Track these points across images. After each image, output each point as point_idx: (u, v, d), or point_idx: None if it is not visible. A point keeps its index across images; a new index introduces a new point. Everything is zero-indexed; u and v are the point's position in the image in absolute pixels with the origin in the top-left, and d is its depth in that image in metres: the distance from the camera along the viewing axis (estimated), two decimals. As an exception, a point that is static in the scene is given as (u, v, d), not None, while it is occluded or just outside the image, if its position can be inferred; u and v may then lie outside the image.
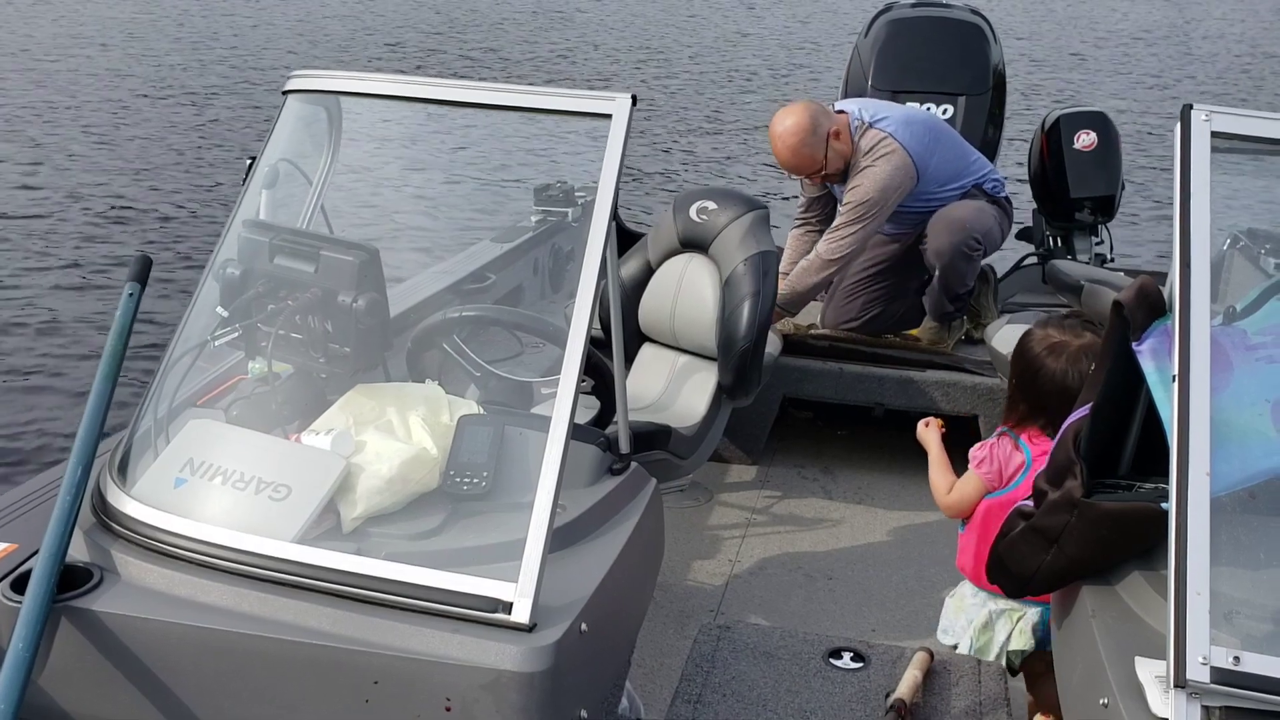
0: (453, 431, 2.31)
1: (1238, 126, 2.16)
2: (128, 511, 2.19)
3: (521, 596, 1.92)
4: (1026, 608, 2.68)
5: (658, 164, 11.70)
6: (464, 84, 2.43)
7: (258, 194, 2.77)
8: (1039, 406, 2.63)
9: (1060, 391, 2.56)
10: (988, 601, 2.73)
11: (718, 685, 2.65)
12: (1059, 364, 2.59)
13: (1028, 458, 2.62)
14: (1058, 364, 2.59)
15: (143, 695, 2.01)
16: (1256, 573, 2.04)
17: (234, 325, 2.43)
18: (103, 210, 9.38)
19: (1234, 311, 2.35)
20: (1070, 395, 2.45)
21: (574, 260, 5.09)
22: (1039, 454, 2.58)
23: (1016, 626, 2.70)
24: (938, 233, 4.17)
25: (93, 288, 7.71)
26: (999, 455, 2.67)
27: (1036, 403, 2.63)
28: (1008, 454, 2.66)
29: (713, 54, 19.47)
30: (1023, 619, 2.69)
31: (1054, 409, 2.54)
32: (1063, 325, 2.68)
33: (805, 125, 4.08)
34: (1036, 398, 2.63)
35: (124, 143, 11.57)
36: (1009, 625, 2.70)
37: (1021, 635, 2.69)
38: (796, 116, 4.12)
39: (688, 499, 4.12)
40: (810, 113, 4.11)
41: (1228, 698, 1.83)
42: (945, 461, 2.80)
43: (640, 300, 3.90)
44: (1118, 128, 5.17)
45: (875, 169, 4.11)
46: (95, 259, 8.25)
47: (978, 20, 5.20)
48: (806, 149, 4.09)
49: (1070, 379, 2.56)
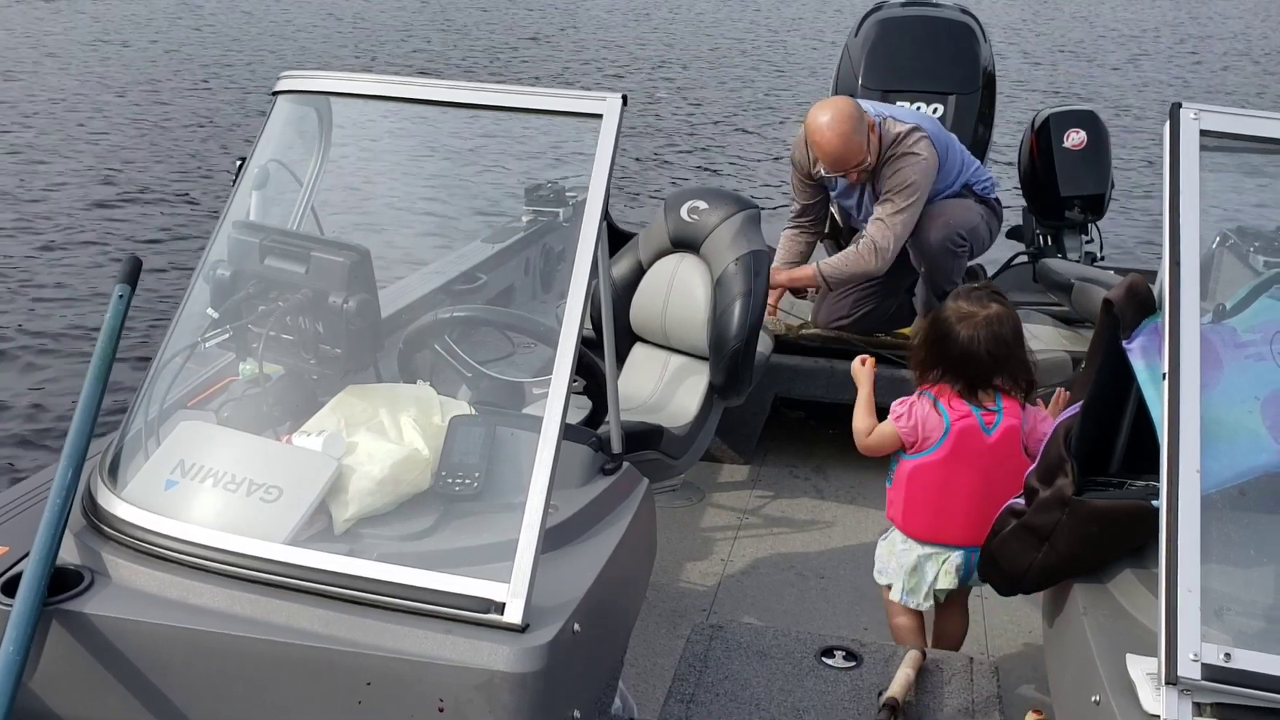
0: (444, 432, 2.31)
1: (1226, 125, 2.17)
2: (118, 514, 2.19)
3: (514, 597, 1.92)
4: (950, 551, 2.92)
5: (649, 164, 11.71)
6: (454, 84, 2.43)
7: (248, 195, 2.77)
8: (949, 371, 2.86)
9: (967, 355, 2.81)
10: (915, 547, 2.96)
11: (711, 685, 2.66)
12: (967, 331, 2.82)
13: (946, 423, 2.84)
14: (966, 331, 2.82)
15: (134, 698, 2.00)
16: (1247, 570, 2.04)
17: (225, 327, 2.43)
18: (92, 212, 9.35)
19: (1223, 309, 2.35)
20: (975, 360, 2.80)
21: (565, 260, 5.08)
22: (957, 419, 2.83)
23: (942, 568, 2.93)
24: (923, 229, 4.17)
25: (82, 289, 7.68)
26: (918, 413, 2.89)
27: (948, 367, 2.86)
28: (926, 413, 2.88)
29: (704, 53, 19.48)
30: (947, 561, 2.92)
31: (962, 372, 2.83)
32: (972, 296, 2.91)
33: (853, 113, 3.99)
34: (948, 362, 2.86)
35: (113, 143, 11.54)
36: (936, 567, 2.94)
37: (947, 575, 2.93)
38: (841, 106, 4.02)
39: (680, 499, 4.13)
40: (852, 103, 4.04)
41: (1219, 694, 1.84)
42: (871, 405, 3.05)
43: (632, 300, 3.90)
44: (1107, 126, 5.19)
45: (913, 156, 4.08)
46: (85, 260, 8.23)
47: (967, 19, 5.21)
48: (857, 136, 3.99)
49: (975, 345, 2.81)
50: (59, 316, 7.23)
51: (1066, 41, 21.92)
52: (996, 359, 2.81)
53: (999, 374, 2.84)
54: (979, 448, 2.83)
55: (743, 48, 20.32)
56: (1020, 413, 2.86)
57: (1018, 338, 2.87)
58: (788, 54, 19.74)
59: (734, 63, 18.63)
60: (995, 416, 2.83)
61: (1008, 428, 2.83)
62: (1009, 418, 2.84)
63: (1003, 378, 2.85)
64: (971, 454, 2.84)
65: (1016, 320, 2.89)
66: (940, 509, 2.89)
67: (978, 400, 2.84)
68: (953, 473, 2.86)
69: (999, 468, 2.81)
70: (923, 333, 2.96)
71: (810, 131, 4.02)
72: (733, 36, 21.74)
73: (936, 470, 2.87)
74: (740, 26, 23.20)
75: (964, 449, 2.84)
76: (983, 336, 2.80)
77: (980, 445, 2.83)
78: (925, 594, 2.96)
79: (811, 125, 4.01)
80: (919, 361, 2.92)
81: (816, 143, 4.02)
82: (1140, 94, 16.25)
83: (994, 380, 2.84)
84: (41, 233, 8.77)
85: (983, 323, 2.82)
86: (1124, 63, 19.47)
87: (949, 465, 2.86)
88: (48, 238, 8.67)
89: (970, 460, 2.84)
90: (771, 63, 18.75)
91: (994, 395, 2.86)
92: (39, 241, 8.58)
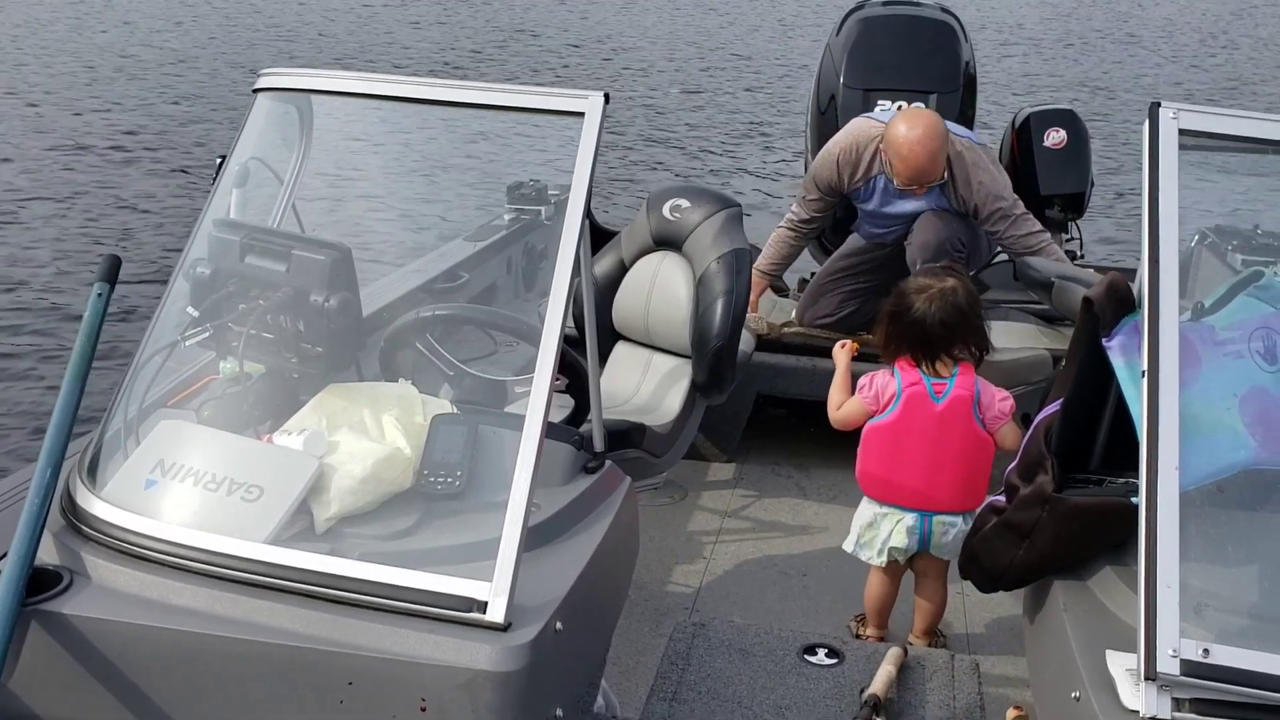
0: (426, 431, 2.30)
1: (1205, 124, 2.19)
2: (98, 513, 2.17)
3: (496, 596, 1.92)
4: (903, 512, 3.07)
5: (631, 162, 11.70)
6: (436, 82, 2.42)
7: (228, 193, 2.76)
8: (904, 340, 3.02)
9: (919, 325, 2.97)
10: (872, 505, 3.13)
11: (693, 683, 2.66)
12: (922, 304, 2.98)
13: (898, 388, 3.02)
14: (921, 304, 2.98)
15: (114, 698, 1.99)
16: (1225, 566, 2.06)
17: (205, 325, 2.41)
18: (71, 210, 9.28)
19: (1202, 308, 2.37)
20: (932, 330, 2.96)
21: (547, 259, 5.07)
22: (908, 384, 3.01)
23: (895, 528, 3.08)
24: (924, 228, 4.16)
25: (61, 287, 7.63)
26: (878, 384, 3.07)
27: (901, 337, 3.02)
28: (885, 382, 3.06)
29: (687, 51, 19.48)
30: (900, 522, 3.07)
31: (921, 343, 2.99)
32: (930, 273, 3.12)
33: (941, 130, 3.97)
34: (908, 333, 3.01)
35: (92, 140, 11.46)
36: (890, 525, 3.09)
37: (899, 535, 3.07)
38: (931, 119, 3.98)
39: (662, 497, 4.13)
40: (940, 120, 4.00)
41: (1197, 690, 1.85)
42: (846, 383, 3.21)
43: (614, 298, 3.90)
44: (1087, 125, 5.21)
45: (981, 169, 4.12)
46: (64, 258, 8.17)
47: (948, 18, 5.22)
48: (943, 152, 3.99)
49: (928, 317, 2.96)
50: (37, 315, 7.19)
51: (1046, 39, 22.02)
52: (952, 328, 2.97)
53: (956, 343, 2.99)
54: (927, 414, 2.99)
55: (724, 46, 20.32)
56: (973, 385, 3.00)
57: (973, 307, 3.02)
58: (769, 52, 19.75)
59: (716, 61, 18.63)
60: (945, 386, 2.98)
61: (956, 398, 2.98)
62: (959, 389, 2.98)
63: (959, 347, 3.00)
64: (920, 420, 3.00)
65: (972, 291, 3.06)
66: (892, 470, 3.04)
67: (934, 370, 3.00)
68: (902, 436, 3.01)
69: (947, 435, 2.98)
70: (886, 307, 3.10)
71: (898, 145, 3.95)
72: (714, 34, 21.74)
73: (887, 433, 3.03)
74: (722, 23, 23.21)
75: (913, 414, 3.00)
76: (938, 307, 2.96)
77: (929, 412, 2.99)
78: (879, 550, 3.10)
79: (900, 138, 3.94)
80: (883, 335, 3.07)
81: (904, 156, 3.94)
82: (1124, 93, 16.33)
83: (952, 350, 2.99)
84: (18, 230, 8.71)
85: (937, 295, 2.97)
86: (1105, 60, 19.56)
87: (898, 428, 3.01)
88: (24, 236, 8.61)
89: (920, 426, 3.00)
90: (753, 62, 18.76)
91: (951, 365, 3.00)
92: (16, 239, 8.52)
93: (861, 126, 4.25)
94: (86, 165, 10.62)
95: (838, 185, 4.25)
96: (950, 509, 3.04)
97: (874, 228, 4.41)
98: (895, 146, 3.97)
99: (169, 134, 11.94)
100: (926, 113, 4.08)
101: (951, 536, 3.04)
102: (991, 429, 3.00)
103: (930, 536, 3.06)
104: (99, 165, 10.65)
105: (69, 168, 10.54)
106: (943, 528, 3.04)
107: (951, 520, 3.04)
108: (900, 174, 4.02)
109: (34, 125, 12.01)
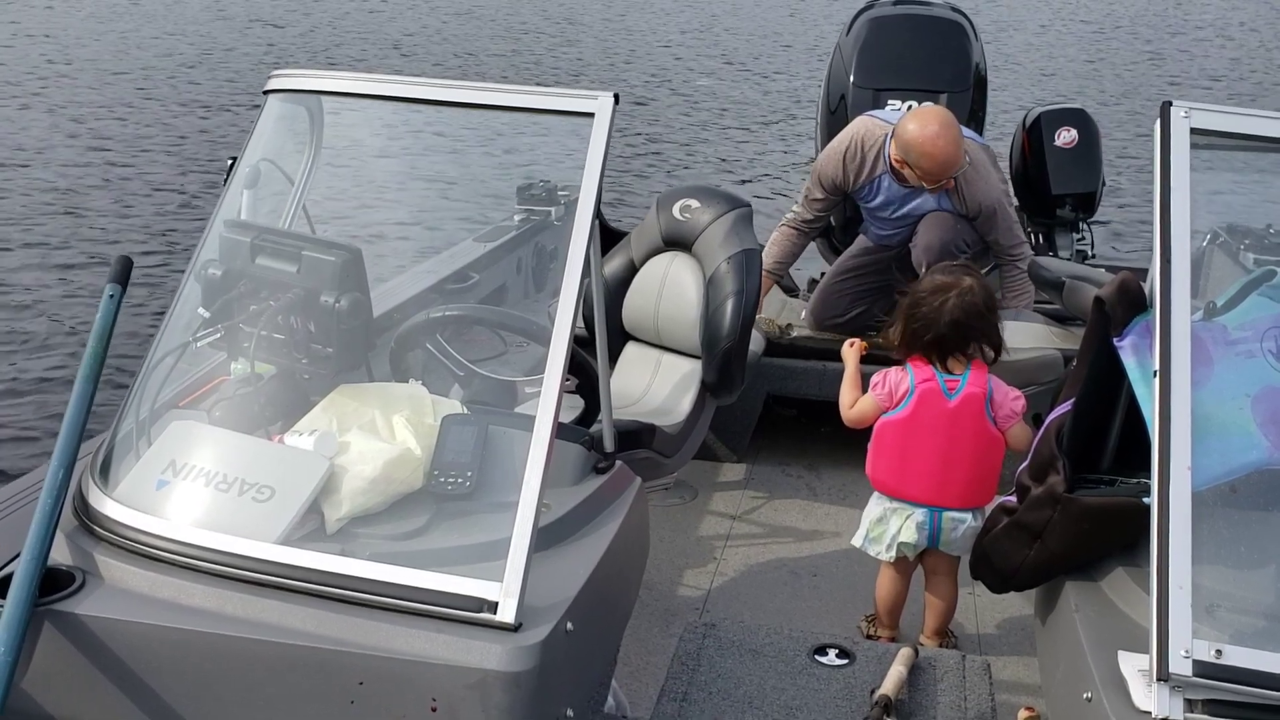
0: (436, 431, 2.31)
1: (1217, 123, 2.18)
2: (110, 514, 2.18)
3: (507, 596, 1.92)
4: (913, 508, 3.07)
5: (641, 162, 11.70)
6: (446, 83, 2.42)
7: (239, 194, 2.76)
8: (920, 337, 3.02)
9: (936, 323, 2.97)
10: (882, 500, 3.14)
11: (703, 683, 2.66)
12: (939, 303, 2.98)
13: (912, 383, 3.02)
14: (936, 302, 2.99)
15: (126, 698, 2.00)
16: (1238, 566, 2.05)
17: (216, 326, 2.42)
18: (83, 212, 9.32)
19: (1214, 307, 2.36)
20: (941, 329, 2.96)
21: (557, 259, 5.08)
22: (921, 380, 3.01)
23: (904, 523, 3.08)
24: (929, 230, 4.15)
25: (73, 289, 7.66)
26: (891, 380, 3.08)
27: (917, 335, 3.02)
28: (898, 379, 3.07)
29: (696, 51, 19.47)
30: (909, 517, 3.08)
31: (932, 341, 2.99)
32: (949, 270, 3.10)
33: (951, 117, 3.94)
34: (917, 330, 3.02)
35: (104, 142, 11.51)
36: (899, 521, 3.09)
37: (908, 530, 3.08)
38: (938, 110, 3.95)
39: (672, 497, 4.13)
40: (941, 107, 3.99)
41: (1210, 690, 1.84)
42: (856, 381, 3.21)
43: (624, 299, 3.90)
44: (1098, 124, 5.20)
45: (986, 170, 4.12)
46: (76, 260, 8.21)
47: (958, 18, 5.21)
48: (960, 138, 3.94)
49: (946, 316, 2.96)
50: (49, 317, 7.21)
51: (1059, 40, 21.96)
52: (969, 328, 2.97)
53: (971, 342, 3.00)
54: (940, 411, 2.99)
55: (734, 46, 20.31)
56: (986, 383, 3.00)
57: (990, 307, 3.03)
58: (778, 53, 19.74)
59: (726, 60, 18.62)
60: (959, 383, 2.99)
61: (969, 395, 2.99)
62: (972, 386, 2.99)
63: (974, 345, 3.01)
64: (933, 416, 2.99)
65: (989, 290, 3.06)
66: (903, 466, 3.05)
67: (947, 367, 3.01)
68: (914, 432, 3.02)
69: (959, 432, 2.99)
70: (901, 305, 3.10)
71: (919, 145, 3.90)
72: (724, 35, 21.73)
73: (900, 428, 3.04)
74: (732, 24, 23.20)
75: (925, 411, 3.00)
76: (956, 306, 2.97)
77: (941, 409, 2.99)
78: (888, 545, 3.11)
79: (918, 139, 3.89)
80: (900, 334, 3.07)
81: (929, 153, 3.89)
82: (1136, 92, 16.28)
83: (967, 348, 3.00)
84: (30, 232, 8.74)
85: (955, 294, 2.98)
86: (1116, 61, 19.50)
87: (911, 424, 3.02)
88: (37, 237, 8.64)
89: (932, 422, 3.00)
90: (762, 61, 18.75)
91: (964, 363, 3.01)
92: (27, 240, 8.55)
93: (865, 124, 4.23)
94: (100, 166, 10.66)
95: (842, 184, 4.24)
96: (960, 505, 3.04)
97: (880, 229, 4.40)
98: (917, 147, 3.91)
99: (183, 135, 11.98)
100: (931, 106, 4.06)
101: (961, 532, 3.03)
102: (1003, 427, 3.00)
103: (940, 532, 3.06)
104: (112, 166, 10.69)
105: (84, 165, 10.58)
106: (952, 524, 3.04)
107: (961, 516, 3.04)
108: (929, 173, 3.96)
109: (48, 126, 12.05)
